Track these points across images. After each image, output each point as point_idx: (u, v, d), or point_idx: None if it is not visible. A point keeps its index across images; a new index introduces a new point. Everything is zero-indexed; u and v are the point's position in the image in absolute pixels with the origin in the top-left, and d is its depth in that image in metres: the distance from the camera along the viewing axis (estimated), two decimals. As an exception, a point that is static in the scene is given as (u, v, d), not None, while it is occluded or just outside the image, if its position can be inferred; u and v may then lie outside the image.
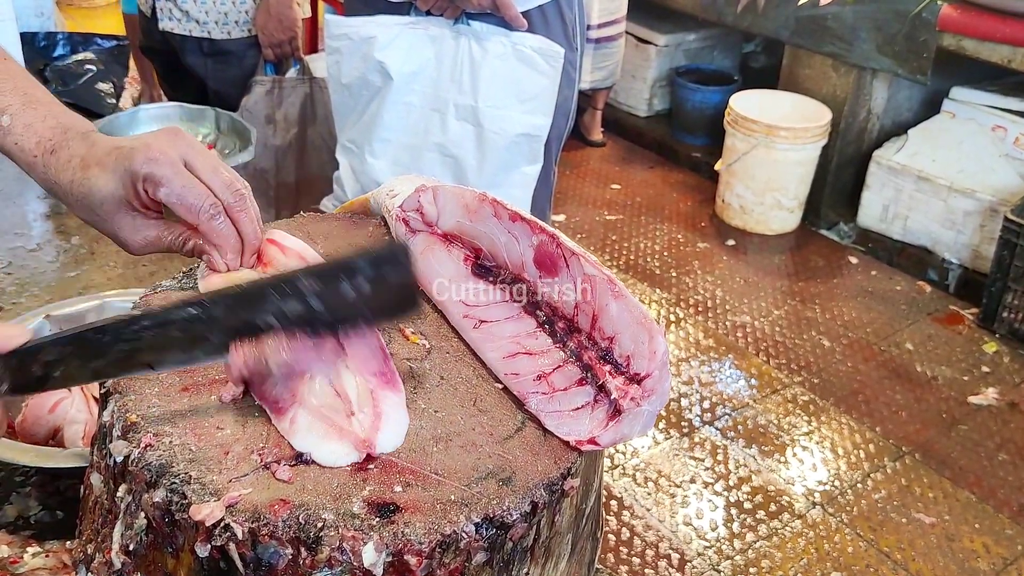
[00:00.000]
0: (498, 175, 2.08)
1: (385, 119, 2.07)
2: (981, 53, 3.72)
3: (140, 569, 0.78)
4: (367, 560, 0.71)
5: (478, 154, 2.06)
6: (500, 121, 2.04)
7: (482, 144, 2.05)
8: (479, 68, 2.00)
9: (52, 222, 1.95)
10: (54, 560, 1.15)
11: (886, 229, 4.22)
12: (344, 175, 2.21)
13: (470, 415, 0.86)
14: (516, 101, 2.04)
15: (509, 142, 2.06)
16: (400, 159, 2.12)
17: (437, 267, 1.00)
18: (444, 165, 2.09)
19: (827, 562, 2.63)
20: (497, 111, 2.03)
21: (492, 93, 2.02)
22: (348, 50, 2.05)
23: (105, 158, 0.91)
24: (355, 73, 2.06)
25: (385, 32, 2.01)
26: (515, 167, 2.11)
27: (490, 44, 2.00)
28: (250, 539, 0.71)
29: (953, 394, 3.36)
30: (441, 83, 2.04)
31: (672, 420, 3.16)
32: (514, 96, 2.04)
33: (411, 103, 2.06)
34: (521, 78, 2.03)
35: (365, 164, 2.15)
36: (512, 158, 2.09)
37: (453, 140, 2.07)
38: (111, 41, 2.73)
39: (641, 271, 4.07)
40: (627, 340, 0.85)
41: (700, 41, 5.22)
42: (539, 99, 2.06)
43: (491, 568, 0.77)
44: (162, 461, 0.76)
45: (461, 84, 2.02)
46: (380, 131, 2.09)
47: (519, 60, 2.01)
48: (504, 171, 2.09)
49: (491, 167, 2.07)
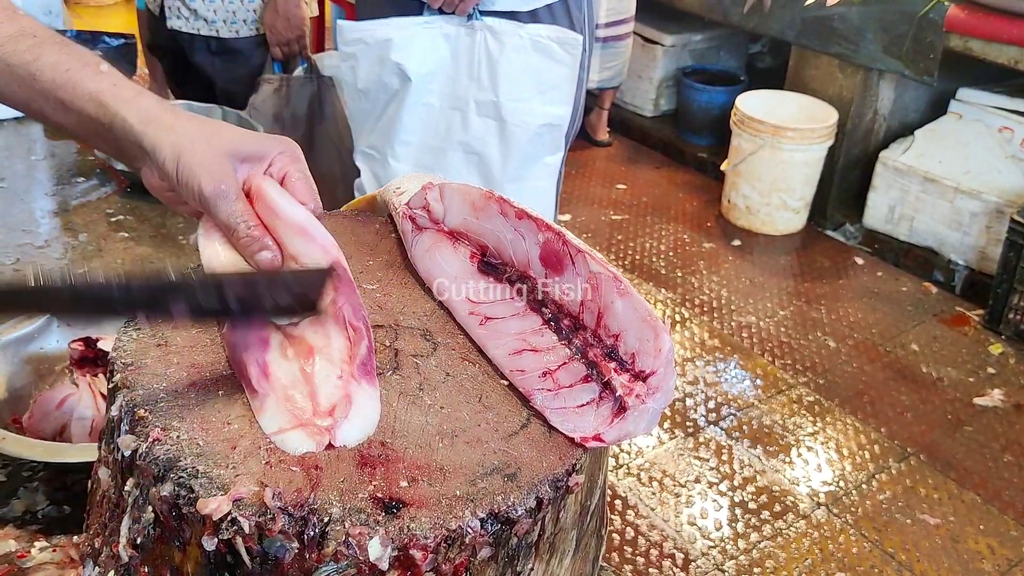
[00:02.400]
0: (522, 168, 2.07)
1: (405, 121, 2.06)
2: (988, 54, 3.71)
3: (147, 563, 0.79)
4: (373, 554, 0.71)
5: (502, 149, 2.05)
6: (522, 114, 2.03)
7: (505, 138, 2.04)
8: (497, 63, 1.99)
9: (60, 219, 1.95)
10: (61, 555, 1.15)
11: (892, 230, 4.21)
12: (366, 181, 2.18)
13: (475, 411, 0.86)
14: (536, 92, 2.03)
15: (532, 134, 2.05)
16: (423, 161, 2.10)
17: (443, 264, 1.01)
18: (468, 163, 2.08)
19: (831, 562, 2.63)
20: (518, 104, 2.02)
21: (512, 87, 2.01)
22: (363, 54, 2.03)
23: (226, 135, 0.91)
24: (372, 77, 2.04)
25: (400, 34, 1.99)
26: (537, 158, 2.10)
27: (506, 38, 1.99)
28: (257, 533, 0.72)
29: (959, 395, 3.36)
30: (460, 81, 2.03)
31: (677, 420, 3.16)
32: (534, 87, 2.02)
33: (431, 103, 2.05)
34: (540, 69, 2.02)
35: (388, 168, 2.12)
36: (535, 150, 2.08)
37: (476, 137, 2.05)
38: (119, 39, 2.74)
39: (647, 271, 4.07)
40: (632, 337, 0.85)
41: (706, 41, 5.22)
42: (559, 88, 2.05)
43: (496, 564, 0.77)
44: (170, 456, 0.77)
45: (480, 80, 2.01)
46: (401, 134, 2.07)
47: (536, 51, 2.00)
48: (528, 164, 2.08)
49: (515, 161, 2.06)
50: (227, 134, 0.91)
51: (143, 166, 0.91)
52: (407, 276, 1.05)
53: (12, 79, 0.90)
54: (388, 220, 1.16)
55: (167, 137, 0.88)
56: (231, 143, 0.91)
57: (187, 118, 0.90)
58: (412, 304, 1.01)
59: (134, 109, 0.89)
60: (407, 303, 1.01)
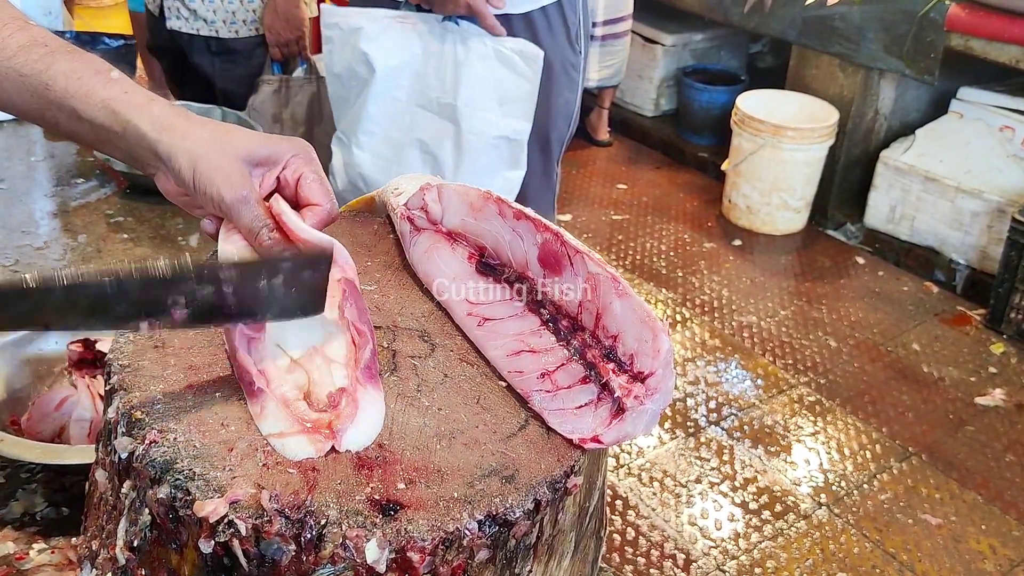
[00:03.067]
0: (478, 178, 2.06)
1: (371, 111, 2.07)
2: (989, 53, 3.71)
3: (144, 565, 0.79)
4: (370, 557, 0.71)
5: (455, 153, 2.06)
6: (478, 122, 2.03)
7: (459, 144, 2.05)
8: (461, 67, 2.00)
9: (59, 220, 1.95)
10: (59, 556, 1.15)
11: (893, 230, 4.21)
12: (336, 167, 2.20)
13: (474, 413, 0.86)
14: (495, 103, 2.03)
15: (487, 144, 2.05)
16: (382, 152, 2.11)
17: (441, 265, 1.00)
18: (424, 162, 2.09)
19: (833, 563, 2.63)
20: (475, 112, 2.02)
21: (472, 93, 2.01)
22: (339, 39, 2.05)
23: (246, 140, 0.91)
24: (344, 63, 2.06)
25: (372, 24, 2.01)
26: (496, 171, 2.10)
27: (473, 44, 1.99)
28: (254, 535, 0.71)
29: (960, 395, 3.35)
30: (426, 79, 2.04)
31: (678, 420, 3.15)
32: (494, 98, 2.03)
33: (397, 97, 2.06)
34: (501, 79, 2.02)
35: (352, 156, 2.14)
36: (492, 162, 2.08)
37: (433, 138, 2.06)
38: (118, 40, 2.74)
39: (647, 271, 4.07)
40: (631, 338, 0.85)
41: (707, 41, 5.21)
42: (519, 102, 2.05)
43: (494, 566, 0.77)
44: (166, 458, 0.76)
45: (444, 82, 2.02)
46: (365, 123, 2.09)
47: (499, 62, 2.01)
48: (484, 174, 2.08)
49: (468, 168, 2.06)
50: (241, 139, 0.91)
51: (158, 172, 0.92)
52: (405, 277, 1.05)
53: (25, 89, 0.90)
54: (386, 221, 1.16)
55: (181, 144, 0.88)
56: (246, 148, 0.91)
57: (200, 124, 0.90)
58: (410, 305, 1.00)
59: (146, 116, 0.89)
60: (405, 304, 1.00)
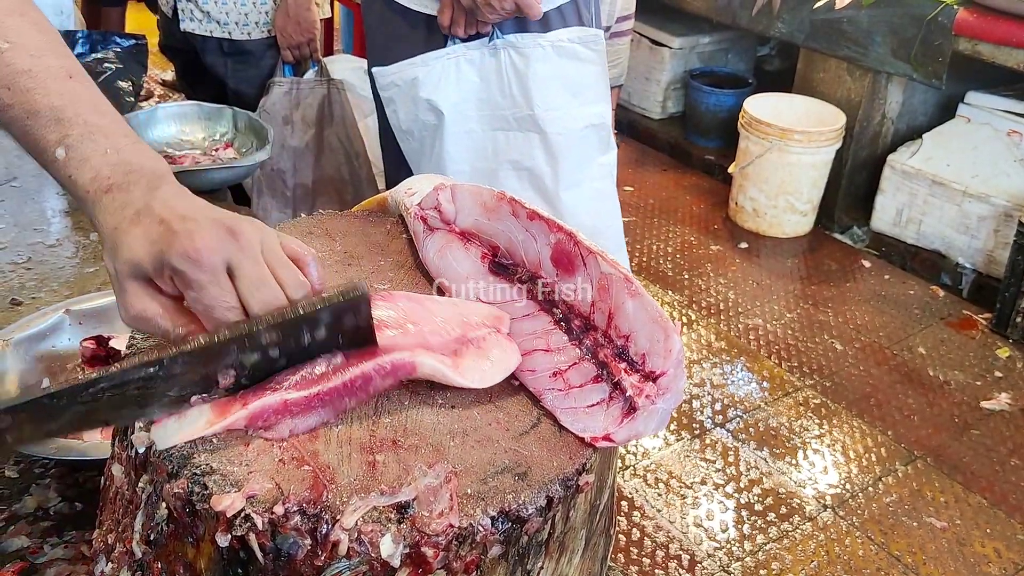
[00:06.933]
0: (575, 173, 2.06)
1: (451, 152, 2.05)
2: (997, 58, 3.70)
3: (161, 559, 0.80)
4: (385, 552, 0.72)
5: (549, 160, 2.04)
6: (561, 121, 2.01)
7: (550, 149, 2.03)
8: (524, 77, 1.99)
9: (71, 218, 1.97)
10: (73, 551, 1.16)
11: (900, 233, 4.21)
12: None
13: (486, 411, 0.87)
14: (570, 96, 2.02)
15: (577, 138, 2.04)
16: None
17: (455, 265, 1.01)
18: (520, 179, 2.07)
19: (837, 565, 2.63)
20: (555, 112, 2.00)
21: (544, 97, 2.00)
22: (399, 96, 2.03)
23: (152, 227, 0.80)
24: (410, 117, 2.04)
25: (426, 70, 1.99)
26: (590, 160, 2.09)
27: (529, 50, 1.98)
28: (270, 529, 0.72)
29: (965, 399, 3.35)
30: (494, 101, 2.02)
31: (683, 422, 3.16)
32: (567, 92, 2.02)
33: (471, 129, 2.04)
34: (568, 72, 2.01)
35: None
36: (584, 152, 2.07)
37: (522, 153, 2.04)
38: (130, 40, 2.77)
39: (654, 273, 4.07)
40: (643, 338, 0.86)
41: (714, 44, 5.22)
42: (592, 87, 2.04)
43: (506, 561, 0.78)
44: (184, 452, 0.77)
45: (513, 97, 2.00)
46: (451, 164, 2.07)
47: (561, 56, 2.00)
48: (580, 168, 2.07)
49: (566, 168, 2.05)
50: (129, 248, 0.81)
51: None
52: (418, 277, 1.06)
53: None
54: (399, 221, 1.17)
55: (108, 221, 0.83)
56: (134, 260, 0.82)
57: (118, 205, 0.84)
58: (423, 304, 1.01)
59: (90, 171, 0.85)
60: (418, 303, 1.01)
